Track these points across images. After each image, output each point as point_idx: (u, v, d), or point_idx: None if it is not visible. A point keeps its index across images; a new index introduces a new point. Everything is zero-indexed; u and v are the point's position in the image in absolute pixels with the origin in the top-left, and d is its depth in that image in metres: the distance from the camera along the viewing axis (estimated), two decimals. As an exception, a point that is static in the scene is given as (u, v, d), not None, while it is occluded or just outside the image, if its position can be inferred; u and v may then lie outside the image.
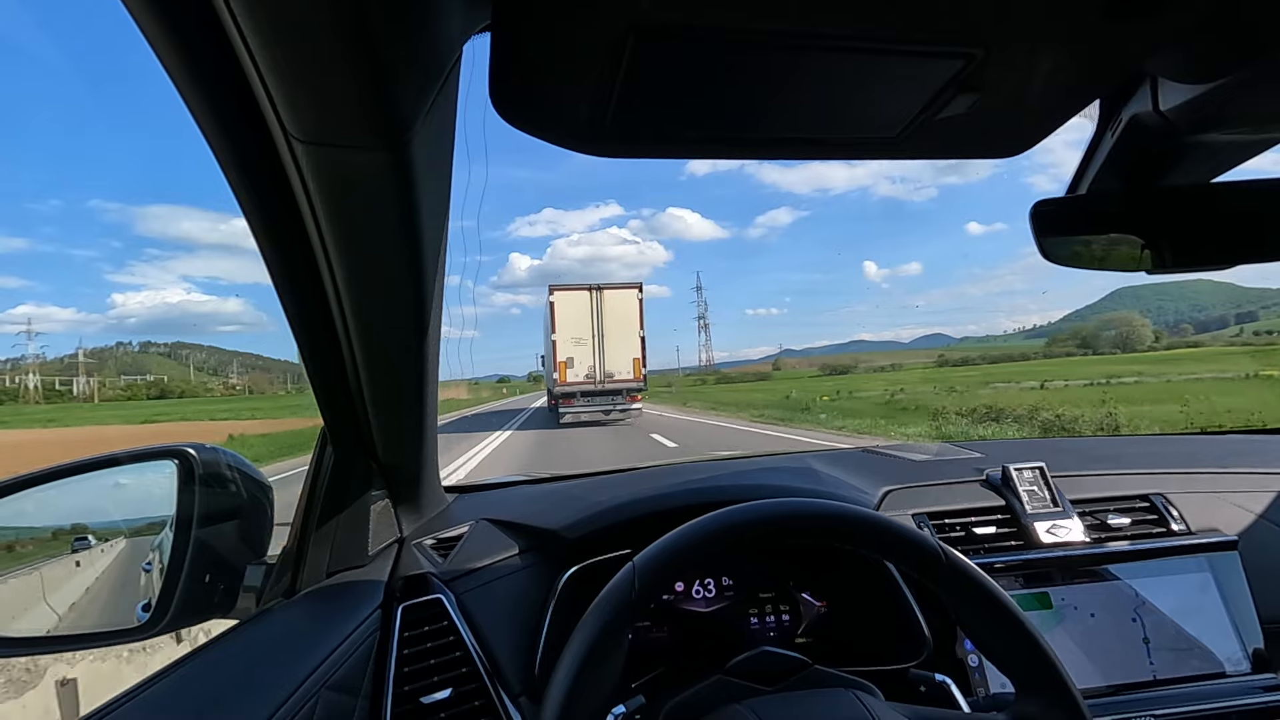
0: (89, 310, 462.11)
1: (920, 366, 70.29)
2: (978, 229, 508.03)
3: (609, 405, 16.03)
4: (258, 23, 0.38)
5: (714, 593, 0.96)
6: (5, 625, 0.77)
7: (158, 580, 0.76)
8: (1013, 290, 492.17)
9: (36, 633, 0.77)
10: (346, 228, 0.58)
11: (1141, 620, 0.91)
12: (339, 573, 0.88)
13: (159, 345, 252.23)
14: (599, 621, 0.56)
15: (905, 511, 0.99)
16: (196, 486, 0.76)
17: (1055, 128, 0.61)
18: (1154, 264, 0.68)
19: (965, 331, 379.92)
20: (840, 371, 57.47)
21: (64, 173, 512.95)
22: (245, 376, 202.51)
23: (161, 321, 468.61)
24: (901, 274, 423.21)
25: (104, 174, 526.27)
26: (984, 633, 0.60)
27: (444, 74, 0.48)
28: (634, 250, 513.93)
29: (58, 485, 0.79)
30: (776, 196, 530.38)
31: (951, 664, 0.87)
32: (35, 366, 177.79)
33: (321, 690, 0.66)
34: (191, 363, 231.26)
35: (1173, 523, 0.99)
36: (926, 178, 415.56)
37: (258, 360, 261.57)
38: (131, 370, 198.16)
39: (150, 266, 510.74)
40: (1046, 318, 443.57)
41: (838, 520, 0.61)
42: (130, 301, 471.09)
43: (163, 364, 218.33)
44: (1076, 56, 0.51)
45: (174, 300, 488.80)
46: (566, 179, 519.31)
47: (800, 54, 0.48)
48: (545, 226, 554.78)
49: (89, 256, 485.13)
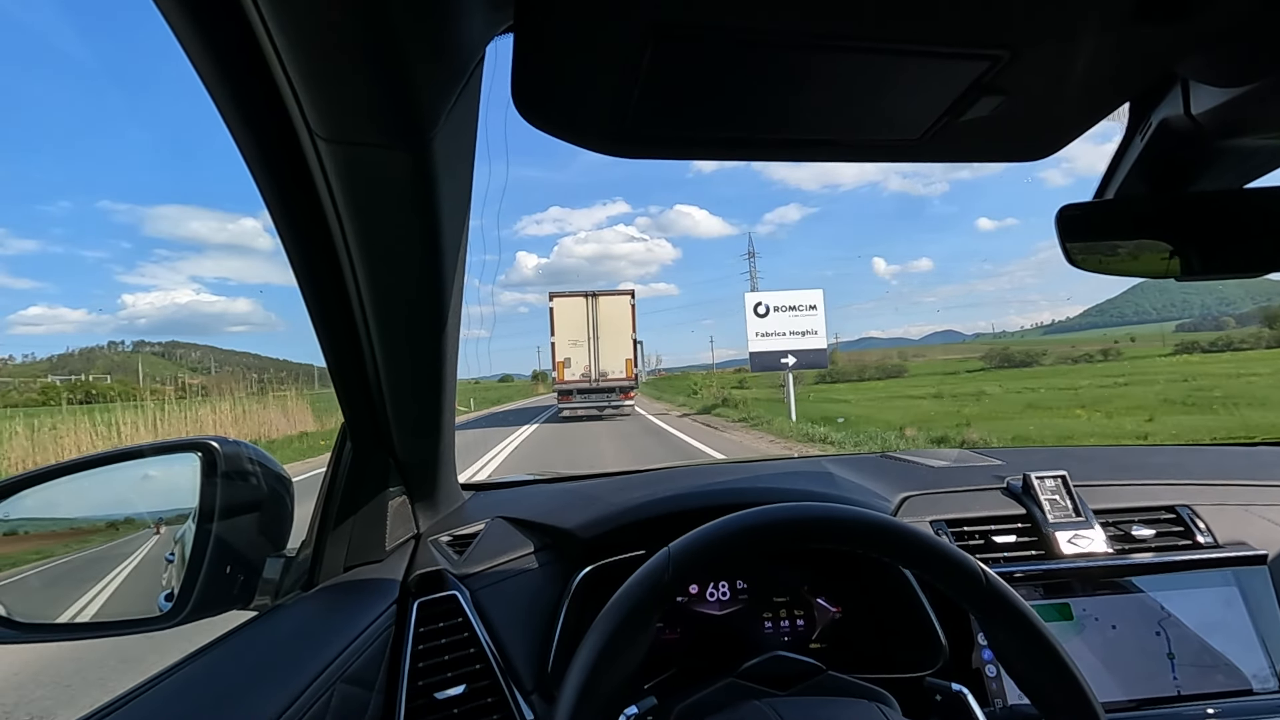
0: (99, 311, 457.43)
1: (978, 365, 63.49)
2: (988, 224, 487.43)
3: (603, 402, 17.78)
4: (284, 23, 0.39)
5: (728, 595, 0.95)
6: (36, 612, 0.79)
7: (179, 571, 0.78)
8: (1024, 286, 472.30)
9: (63, 619, 0.79)
10: (369, 225, 0.58)
11: (1166, 634, 0.89)
12: (356, 567, 0.89)
13: (153, 345, 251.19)
14: (629, 601, 0.55)
15: (923, 518, 0.98)
16: (219, 479, 0.78)
17: (1082, 131, 0.60)
18: (1182, 270, 0.67)
19: (976, 328, 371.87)
20: (892, 374, 53.08)
21: (73, 173, 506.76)
22: (204, 377, 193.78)
23: (171, 322, 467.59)
24: (912, 270, 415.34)
25: (112, 174, 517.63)
26: (1016, 658, 0.58)
27: (466, 74, 0.48)
28: (641, 248, 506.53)
29: (84, 476, 0.81)
30: (785, 193, 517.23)
31: (968, 673, 0.85)
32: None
33: (337, 683, 0.66)
34: (187, 363, 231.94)
35: (1199, 535, 0.96)
36: (938, 173, 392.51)
37: (255, 359, 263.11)
38: (119, 370, 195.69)
39: (160, 267, 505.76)
40: (1055, 314, 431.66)
41: (880, 531, 0.60)
42: (140, 302, 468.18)
43: (156, 364, 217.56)
44: (1105, 59, 0.50)
45: (183, 301, 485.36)
46: (573, 177, 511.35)
47: (821, 55, 0.48)
48: (552, 225, 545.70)
49: (100, 257, 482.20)
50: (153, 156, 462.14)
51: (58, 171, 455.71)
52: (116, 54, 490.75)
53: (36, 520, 0.83)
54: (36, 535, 0.84)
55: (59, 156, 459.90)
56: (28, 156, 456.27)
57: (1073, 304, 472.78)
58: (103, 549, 0.85)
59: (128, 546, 0.86)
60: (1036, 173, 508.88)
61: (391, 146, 0.50)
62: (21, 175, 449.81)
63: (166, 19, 0.43)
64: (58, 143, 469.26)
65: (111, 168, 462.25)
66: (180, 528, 0.83)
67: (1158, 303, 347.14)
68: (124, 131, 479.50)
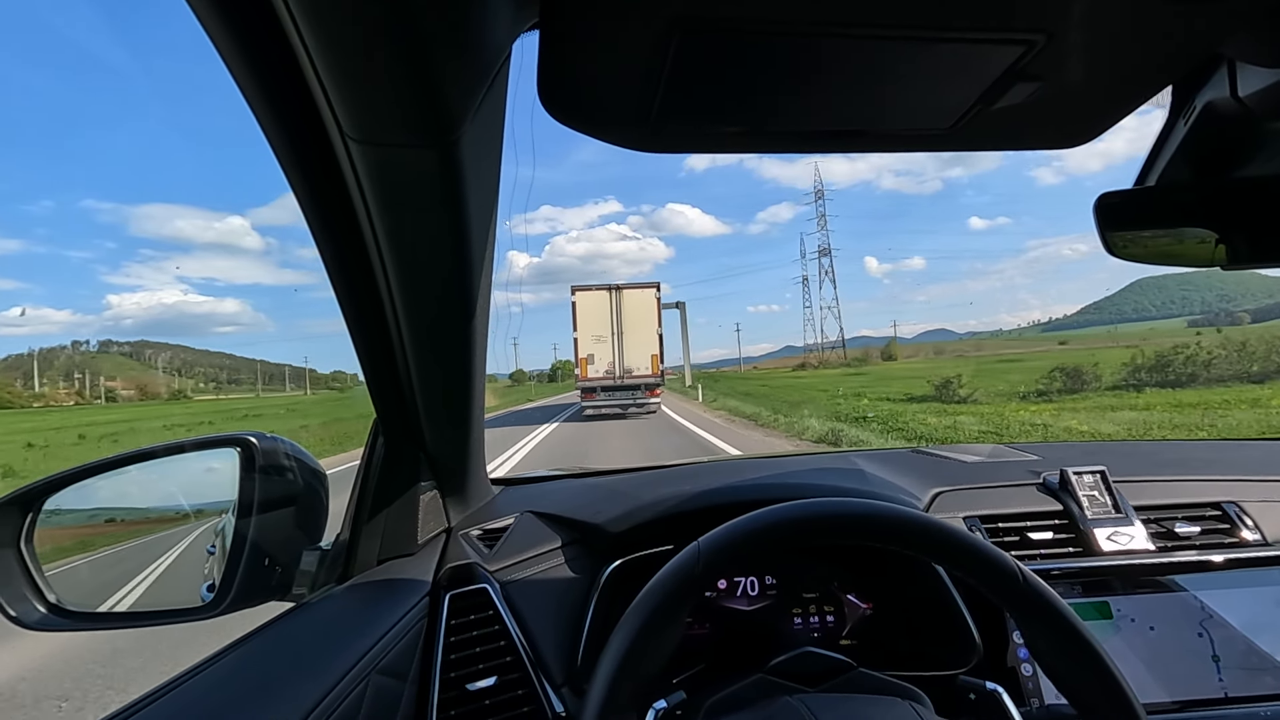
0: (85, 312, 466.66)
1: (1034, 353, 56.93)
2: (980, 223, 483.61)
3: (628, 400, 16.99)
4: (315, 26, 0.40)
5: (757, 591, 0.95)
6: (85, 601, 0.82)
7: (220, 563, 0.80)
8: (1014, 285, 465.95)
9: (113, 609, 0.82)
10: (399, 224, 0.59)
11: (1209, 635, 0.86)
12: (389, 561, 0.91)
13: (120, 345, 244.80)
14: (659, 595, 0.56)
15: (956, 514, 0.97)
16: (257, 474, 0.80)
17: (1122, 116, 0.58)
18: (1229, 258, 0.64)
19: (967, 327, 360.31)
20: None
21: (56, 172, 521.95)
22: (123, 379, 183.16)
23: (157, 323, 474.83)
24: (904, 268, 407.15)
25: (95, 173, 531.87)
26: (1054, 657, 0.57)
27: (492, 73, 0.49)
28: (634, 246, 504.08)
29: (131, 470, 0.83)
30: (778, 192, 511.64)
31: (1003, 672, 0.84)
32: None
33: (372, 674, 0.68)
34: (155, 363, 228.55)
35: (1246, 532, 0.93)
36: (930, 171, 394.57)
37: (228, 359, 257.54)
38: (80, 371, 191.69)
39: (145, 267, 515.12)
40: (1048, 314, 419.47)
41: (912, 527, 0.59)
42: (126, 302, 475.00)
43: (122, 365, 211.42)
44: (1146, 41, 0.48)
45: (170, 301, 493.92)
46: (565, 176, 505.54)
47: (848, 44, 0.47)
48: (543, 224, 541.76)
49: (85, 258, 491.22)
50: (138, 153, 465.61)
51: (42, 171, 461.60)
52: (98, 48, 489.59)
53: (85, 512, 0.87)
54: (86, 527, 0.88)
55: (43, 155, 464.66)
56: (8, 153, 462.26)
57: (1052, 299, 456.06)
58: (148, 540, 0.88)
59: (171, 538, 0.89)
60: (1028, 170, 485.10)
61: (421, 146, 0.50)
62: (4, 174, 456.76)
63: (203, 25, 0.44)
64: (40, 140, 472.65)
65: (94, 165, 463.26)
66: (220, 520, 0.85)
67: (1157, 299, 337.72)
68: (109, 128, 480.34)
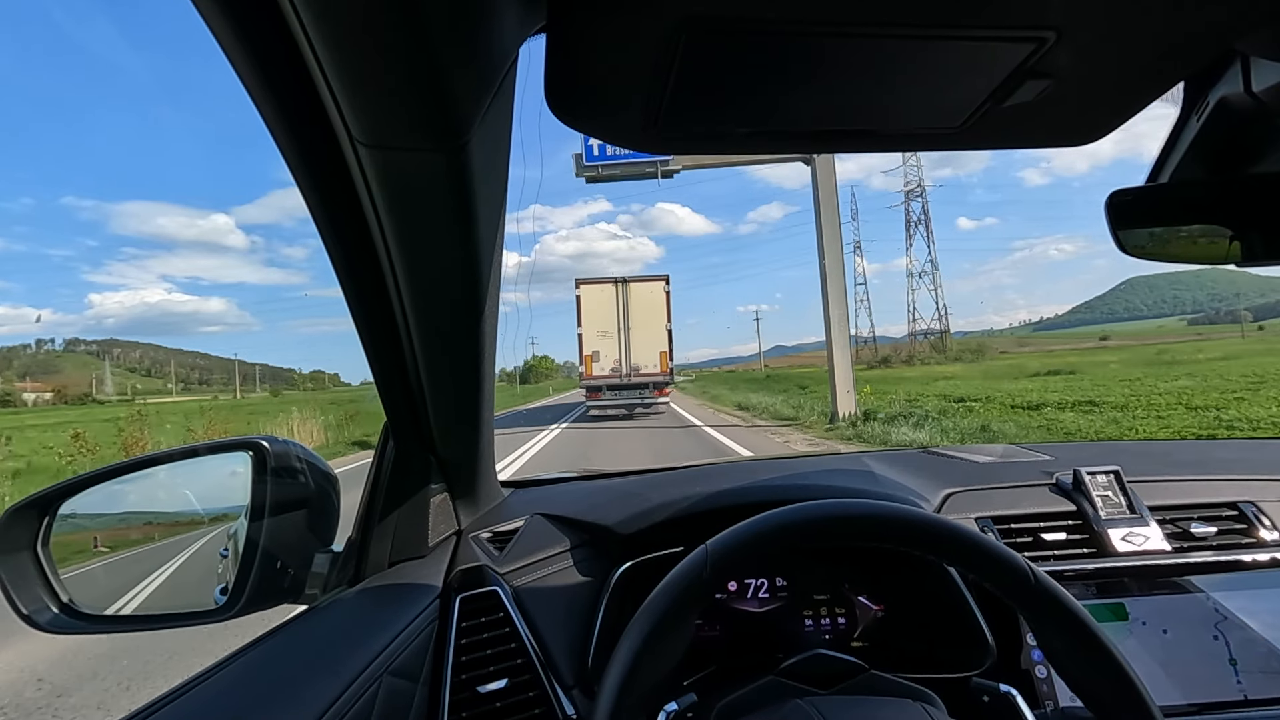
0: (66, 310, 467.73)
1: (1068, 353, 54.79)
2: (968, 224, 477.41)
3: (635, 399, 16.10)
4: (323, 30, 0.40)
5: (767, 593, 0.94)
6: (100, 603, 0.82)
7: (233, 565, 0.81)
8: (1001, 285, 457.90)
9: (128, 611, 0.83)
10: (407, 228, 0.60)
11: (1225, 637, 0.85)
12: (400, 563, 0.91)
13: (86, 343, 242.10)
14: (668, 597, 0.55)
15: (968, 515, 0.96)
16: (269, 477, 0.80)
17: (1134, 113, 0.58)
18: (1244, 256, 0.64)
19: (958, 326, 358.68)
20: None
21: (35, 168, 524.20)
22: (47, 379, 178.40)
23: (140, 322, 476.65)
24: (893, 268, 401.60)
25: (75, 169, 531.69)
26: (1068, 660, 0.56)
27: (500, 77, 0.49)
28: (624, 245, 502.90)
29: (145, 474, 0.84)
30: (767, 192, 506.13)
31: (1017, 674, 0.83)
32: None
33: (383, 675, 0.68)
34: (125, 363, 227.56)
35: (1264, 532, 0.92)
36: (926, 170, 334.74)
37: (202, 359, 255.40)
38: (41, 372, 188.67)
39: (128, 266, 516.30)
40: (1035, 314, 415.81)
41: (923, 528, 0.58)
42: (108, 301, 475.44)
43: (89, 364, 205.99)
44: (1159, 36, 0.48)
45: (153, 300, 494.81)
46: (554, 174, 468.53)
47: (857, 44, 0.47)
48: (532, 223, 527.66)
49: (65, 256, 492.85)
50: (121, 149, 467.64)
51: (20, 167, 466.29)
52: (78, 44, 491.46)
53: (101, 516, 0.87)
54: (101, 530, 0.89)
55: (21, 149, 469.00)
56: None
57: (1038, 299, 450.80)
58: (163, 544, 0.89)
59: (185, 542, 0.90)
60: (1015, 171, 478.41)
61: (429, 150, 0.51)
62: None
63: (210, 28, 0.45)
64: (19, 136, 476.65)
65: (74, 161, 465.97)
66: (233, 524, 0.86)
67: (1148, 299, 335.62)
68: (92, 124, 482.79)
